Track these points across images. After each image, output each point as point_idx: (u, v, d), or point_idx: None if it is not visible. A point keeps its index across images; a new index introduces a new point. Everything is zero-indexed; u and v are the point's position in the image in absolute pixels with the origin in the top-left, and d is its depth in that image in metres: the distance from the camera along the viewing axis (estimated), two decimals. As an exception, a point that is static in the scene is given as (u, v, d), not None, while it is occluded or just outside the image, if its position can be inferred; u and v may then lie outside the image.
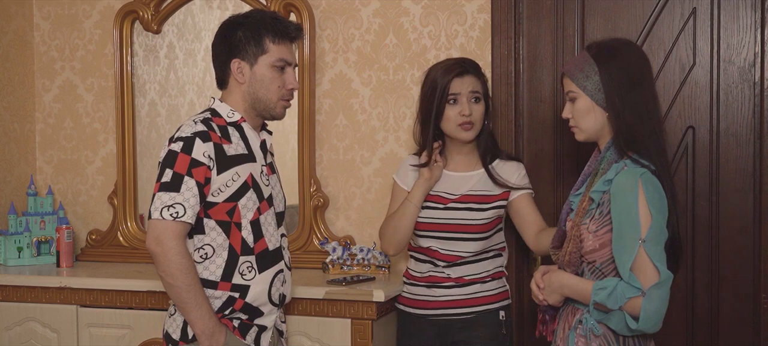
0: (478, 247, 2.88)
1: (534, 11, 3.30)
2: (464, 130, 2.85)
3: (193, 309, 2.47)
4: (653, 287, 2.23)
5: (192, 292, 2.46)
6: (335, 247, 3.29)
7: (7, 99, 3.74)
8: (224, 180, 2.51)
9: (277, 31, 2.58)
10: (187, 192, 2.46)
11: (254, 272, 2.57)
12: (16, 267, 3.49)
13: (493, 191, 2.87)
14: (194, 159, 2.47)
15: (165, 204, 2.45)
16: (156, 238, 2.45)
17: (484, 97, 2.89)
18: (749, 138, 3.11)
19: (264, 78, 2.58)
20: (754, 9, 3.08)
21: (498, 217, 2.91)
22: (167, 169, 2.47)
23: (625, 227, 2.27)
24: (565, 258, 2.43)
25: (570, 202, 2.52)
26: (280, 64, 2.59)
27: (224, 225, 2.54)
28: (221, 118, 2.59)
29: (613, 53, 2.39)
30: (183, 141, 2.49)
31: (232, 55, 2.58)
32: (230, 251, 2.54)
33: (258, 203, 2.58)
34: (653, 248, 2.25)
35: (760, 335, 3.13)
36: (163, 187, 2.47)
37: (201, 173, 2.47)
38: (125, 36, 3.67)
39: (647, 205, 2.26)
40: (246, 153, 2.58)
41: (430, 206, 2.92)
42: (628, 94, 2.35)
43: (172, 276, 2.45)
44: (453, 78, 2.84)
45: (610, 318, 2.30)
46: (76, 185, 3.85)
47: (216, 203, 2.52)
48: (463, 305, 2.88)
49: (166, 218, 2.44)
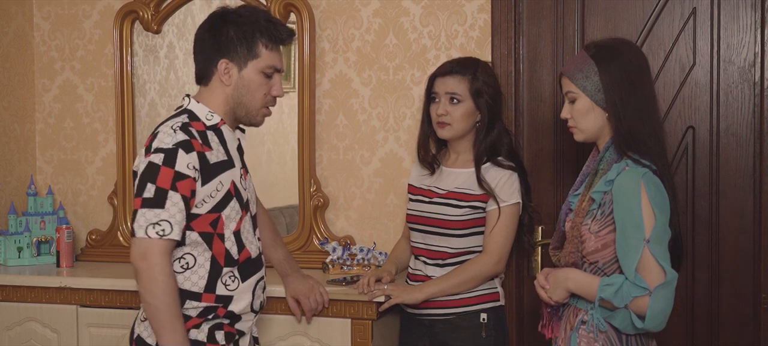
0: (457, 244, 2.87)
1: (534, 11, 3.30)
2: (440, 128, 2.88)
3: (168, 332, 2.33)
4: (660, 286, 2.23)
5: (170, 314, 2.33)
6: (335, 247, 3.29)
7: (7, 99, 3.74)
8: (208, 191, 2.39)
9: (271, 35, 2.45)
10: (172, 208, 2.32)
11: (237, 282, 2.48)
12: (16, 267, 3.49)
13: (476, 191, 2.86)
14: (178, 172, 2.32)
15: (150, 222, 2.31)
16: (142, 253, 2.32)
17: (474, 98, 2.86)
18: (749, 138, 3.11)
19: (251, 83, 2.45)
20: (754, 9, 3.08)
21: (478, 218, 2.87)
22: (149, 184, 2.32)
23: (628, 227, 2.26)
24: (565, 258, 2.43)
25: (569, 202, 2.52)
26: (270, 71, 2.47)
27: (207, 236, 2.42)
28: (199, 122, 2.44)
29: (613, 53, 2.39)
30: (164, 153, 2.33)
31: (221, 54, 2.44)
32: (213, 263, 2.43)
33: (241, 212, 2.47)
34: (657, 248, 2.25)
35: (760, 335, 3.13)
36: (145, 203, 2.32)
37: (186, 186, 2.33)
38: (125, 36, 3.67)
39: (650, 205, 2.26)
40: (226, 159, 2.45)
41: (418, 199, 2.95)
42: (628, 95, 2.35)
43: (154, 296, 2.32)
44: (436, 78, 2.90)
45: (614, 316, 2.30)
46: (76, 185, 3.85)
47: (199, 214, 2.39)
48: (444, 305, 2.87)
49: (152, 236, 2.31)
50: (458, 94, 2.85)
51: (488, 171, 2.87)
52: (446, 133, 2.88)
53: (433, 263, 2.90)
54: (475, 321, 2.86)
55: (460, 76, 2.86)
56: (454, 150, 2.95)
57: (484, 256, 2.85)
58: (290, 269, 2.91)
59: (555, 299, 2.42)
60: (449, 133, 2.88)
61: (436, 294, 2.85)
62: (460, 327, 2.86)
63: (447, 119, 2.85)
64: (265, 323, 3.00)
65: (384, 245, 3.38)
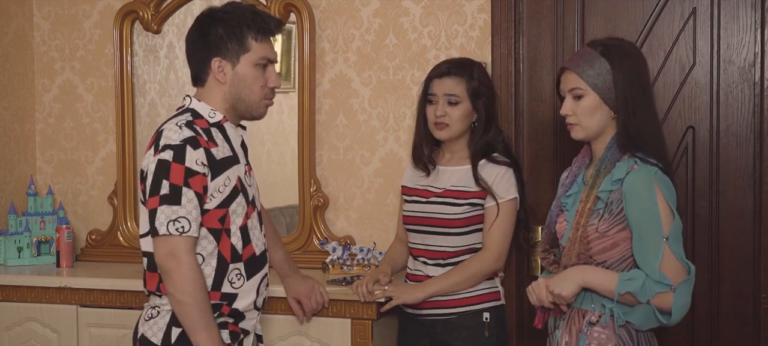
0: (457, 243, 2.87)
1: (534, 11, 3.30)
2: (438, 129, 2.87)
3: (202, 331, 2.35)
4: (683, 283, 2.26)
5: (204, 312, 2.35)
6: (335, 247, 3.29)
7: (7, 99, 3.74)
8: (217, 186, 2.40)
9: (259, 27, 2.46)
10: (188, 204, 2.34)
11: (243, 280, 2.49)
12: (16, 267, 3.49)
13: (473, 188, 2.86)
14: (189, 168, 2.34)
15: (170, 218, 2.32)
16: (170, 252, 2.33)
17: (472, 99, 2.86)
18: (749, 138, 3.11)
19: (247, 77, 2.46)
20: (754, 9, 3.08)
21: (477, 215, 2.88)
22: (164, 181, 2.33)
23: (646, 226, 2.27)
24: (570, 260, 2.40)
25: (562, 203, 2.50)
26: (263, 62, 2.48)
27: (215, 232, 2.43)
28: (203, 120, 2.46)
29: (625, 53, 2.39)
30: (172, 149, 2.35)
31: (212, 53, 2.45)
32: (220, 259, 2.44)
33: (246, 207, 2.49)
34: (675, 245, 2.27)
35: (760, 335, 3.13)
36: (164, 200, 2.33)
37: (198, 182, 2.35)
38: (125, 36, 3.67)
39: (666, 202, 2.27)
40: (231, 155, 2.47)
41: (415, 200, 2.94)
42: (639, 95, 2.35)
43: (187, 294, 2.33)
44: (433, 79, 2.89)
45: (632, 312, 2.30)
46: (76, 185, 3.85)
47: (208, 209, 2.40)
48: (446, 305, 2.87)
49: (173, 233, 2.32)
50: (456, 95, 2.85)
51: (484, 168, 2.87)
52: (444, 134, 2.87)
53: (434, 263, 2.89)
54: (478, 321, 2.86)
55: (458, 77, 2.86)
56: (448, 150, 2.95)
57: (484, 253, 2.85)
58: (290, 269, 2.92)
59: (564, 293, 2.35)
60: (447, 134, 2.87)
61: (436, 293, 2.85)
62: (463, 327, 2.86)
63: (446, 120, 2.85)
64: (265, 323, 3.00)
65: (384, 245, 3.38)
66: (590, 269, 2.36)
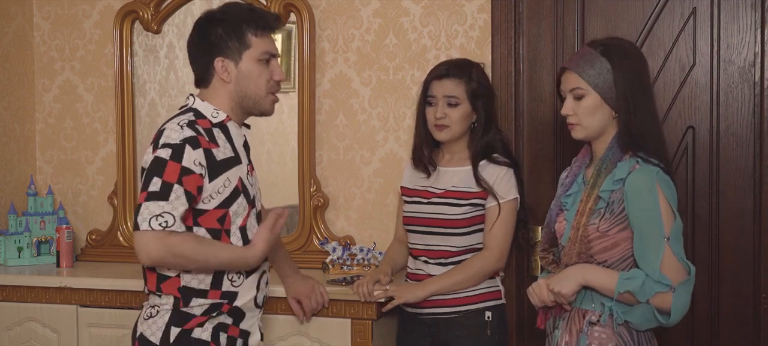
0: (459, 243, 2.87)
1: (534, 11, 3.30)
2: (438, 131, 2.88)
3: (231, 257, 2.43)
4: (683, 283, 2.26)
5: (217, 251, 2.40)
6: (335, 247, 3.29)
7: (7, 99, 3.74)
8: (216, 187, 2.41)
9: (258, 24, 2.48)
10: (176, 201, 2.33)
11: (242, 278, 2.50)
12: (16, 267, 3.49)
13: (474, 188, 2.87)
14: (185, 167, 2.35)
15: (153, 214, 2.32)
16: (147, 255, 2.34)
17: (472, 100, 2.86)
18: (749, 138, 3.11)
19: (251, 73, 2.48)
20: (754, 9, 3.08)
21: (478, 215, 2.88)
22: (155, 178, 2.34)
23: (647, 226, 2.27)
24: (571, 259, 2.40)
25: (562, 203, 2.50)
26: (266, 57, 2.49)
27: (214, 233, 2.43)
28: (205, 120, 2.47)
29: (626, 53, 2.39)
30: (171, 148, 2.36)
31: (214, 54, 2.47)
32: None
33: (247, 208, 2.50)
34: (676, 245, 2.28)
35: (760, 335, 3.13)
36: (150, 196, 2.33)
37: (192, 182, 2.35)
38: (125, 36, 3.67)
39: (668, 203, 2.27)
40: (233, 156, 2.47)
41: (415, 201, 2.94)
42: (640, 95, 2.35)
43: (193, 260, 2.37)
44: (432, 80, 2.89)
45: (631, 311, 2.30)
46: (76, 185, 3.85)
47: (206, 210, 2.41)
48: (447, 304, 2.87)
49: (155, 228, 2.31)
50: (456, 96, 2.85)
51: (485, 168, 2.87)
52: (444, 135, 2.88)
53: (436, 263, 2.90)
54: (480, 320, 2.87)
55: (457, 78, 2.87)
56: (448, 150, 2.95)
57: (485, 252, 2.85)
58: (290, 270, 2.92)
59: (564, 291, 2.35)
60: (448, 136, 2.88)
61: (437, 292, 2.85)
62: (464, 326, 2.86)
63: (446, 122, 2.85)
64: (264, 323, 3.00)
65: (384, 245, 3.38)
66: (591, 268, 2.36)
